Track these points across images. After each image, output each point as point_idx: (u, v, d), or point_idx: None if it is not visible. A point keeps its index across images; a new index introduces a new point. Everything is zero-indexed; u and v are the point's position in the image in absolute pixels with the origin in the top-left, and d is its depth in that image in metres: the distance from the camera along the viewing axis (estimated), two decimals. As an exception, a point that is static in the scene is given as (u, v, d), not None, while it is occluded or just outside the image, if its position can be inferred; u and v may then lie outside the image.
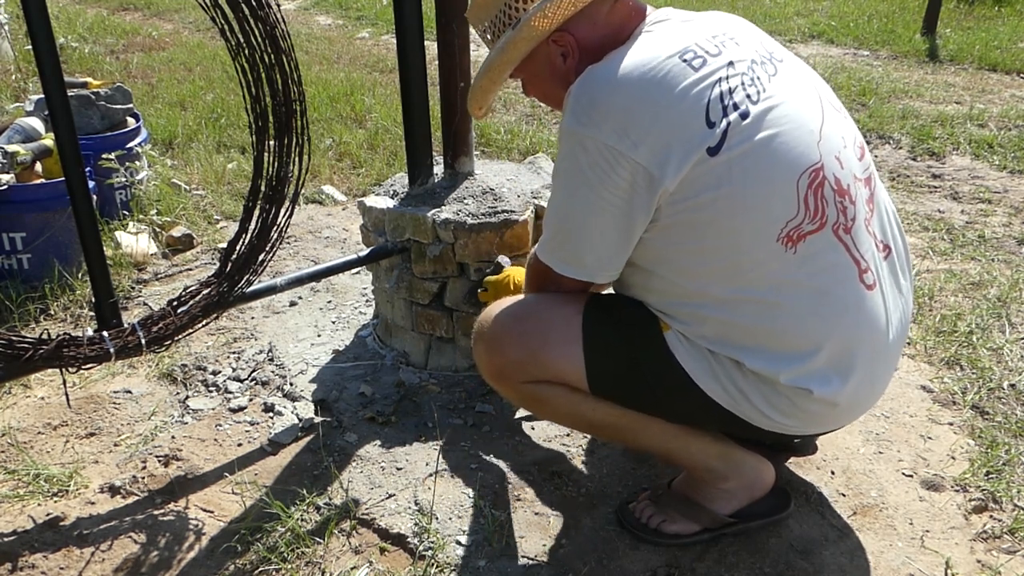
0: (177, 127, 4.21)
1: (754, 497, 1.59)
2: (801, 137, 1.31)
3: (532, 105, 4.83)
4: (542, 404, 1.54)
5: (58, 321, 2.46)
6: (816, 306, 1.33)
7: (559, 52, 1.41)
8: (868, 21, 6.94)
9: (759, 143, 1.27)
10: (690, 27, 1.38)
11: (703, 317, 1.36)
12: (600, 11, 1.38)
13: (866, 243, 1.38)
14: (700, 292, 1.35)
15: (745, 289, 1.32)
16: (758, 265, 1.31)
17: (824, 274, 1.33)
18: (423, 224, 2.02)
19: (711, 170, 1.26)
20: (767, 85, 1.32)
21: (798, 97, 1.35)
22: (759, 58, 1.36)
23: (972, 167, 3.74)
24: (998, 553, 1.57)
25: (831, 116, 1.39)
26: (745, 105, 1.28)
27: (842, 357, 1.35)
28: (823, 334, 1.34)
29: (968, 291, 2.57)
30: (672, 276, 1.37)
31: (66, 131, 1.56)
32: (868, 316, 1.36)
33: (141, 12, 8.34)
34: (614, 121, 1.27)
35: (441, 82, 2.09)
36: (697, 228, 1.30)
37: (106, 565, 1.58)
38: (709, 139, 1.26)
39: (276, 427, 1.96)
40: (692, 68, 1.28)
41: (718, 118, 1.26)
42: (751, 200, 1.28)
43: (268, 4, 1.58)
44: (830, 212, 1.32)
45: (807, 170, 1.30)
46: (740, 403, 1.39)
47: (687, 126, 1.26)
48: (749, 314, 1.33)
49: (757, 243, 1.30)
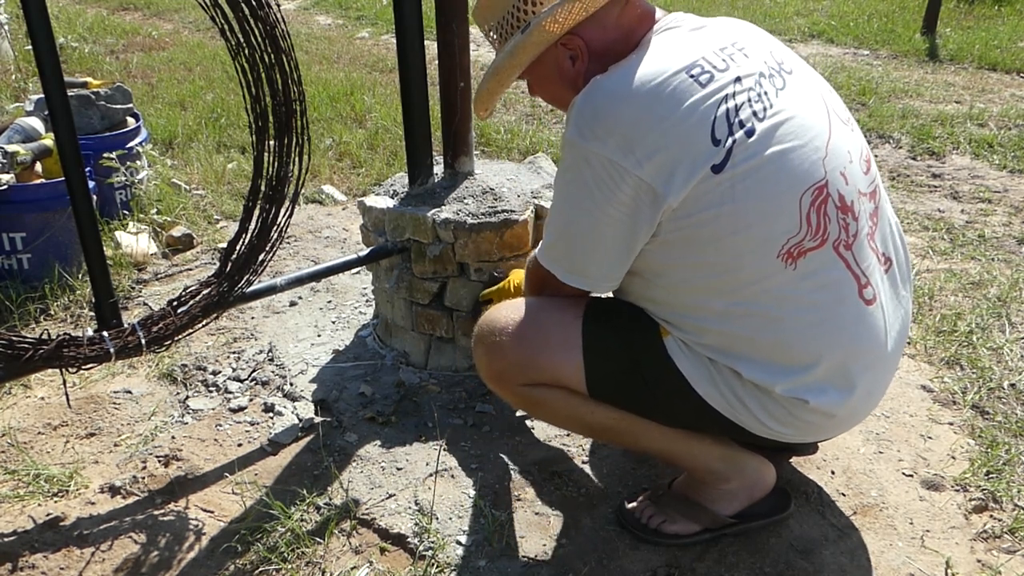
0: (177, 127, 4.21)
1: (755, 498, 1.59)
2: (806, 154, 1.30)
3: (532, 105, 4.82)
4: (541, 407, 1.54)
5: (58, 321, 2.46)
6: (815, 321, 1.33)
7: (568, 55, 1.40)
8: (868, 21, 6.94)
9: (763, 161, 1.27)
10: (699, 38, 1.35)
11: (702, 328, 1.36)
12: (610, 15, 1.37)
13: (868, 258, 1.37)
14: (699, 304, 1.35)
15: (744, 303, 1.32)
16: (758, 280, 1.31)
17: (824, 290, 1.32)
18: (423, 224, 2.02)
19: (715, 188, 1.26)
20: (774, 100, 1.31)
21: (805, 111, 1.33)
22: (767, 71, 1.34)
23: (972, 166, 3.74)
24: (998, 553, 1.57)
25: (838, 130, 1.37)
26: (751, 123, 1.27)
27: (840, 370, 1.35)
28: (821, 349, 1.34)
29: (968, 291, 2.57)
30: (672, 287, 1.37)
31: (66, 131, 1.56)
32: (867, 331, 1.36)
33: (141, 12, 8.34)
34: (619, 136, 1.26)
35: (441, 82, 2.09)
36: (698, 243, 1.30)
37: (106, 565, 1.58)
38: (714, 157, 1.25)
39: (276, 427, 1.96)
40: (699, 84, 1.27)
41: (724, 136, 1.25)
42: (753, 217, 1.28)
43: (268, 4, 1.58)
44: (832, 229, 1.31)
45: (810, 187, 1.29)
46: (738, 410, 1.39)
47: (693, 144, 1.25)
48: (748, 327, 1.33)
49: (757, 259, 1.30)
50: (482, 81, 1.48)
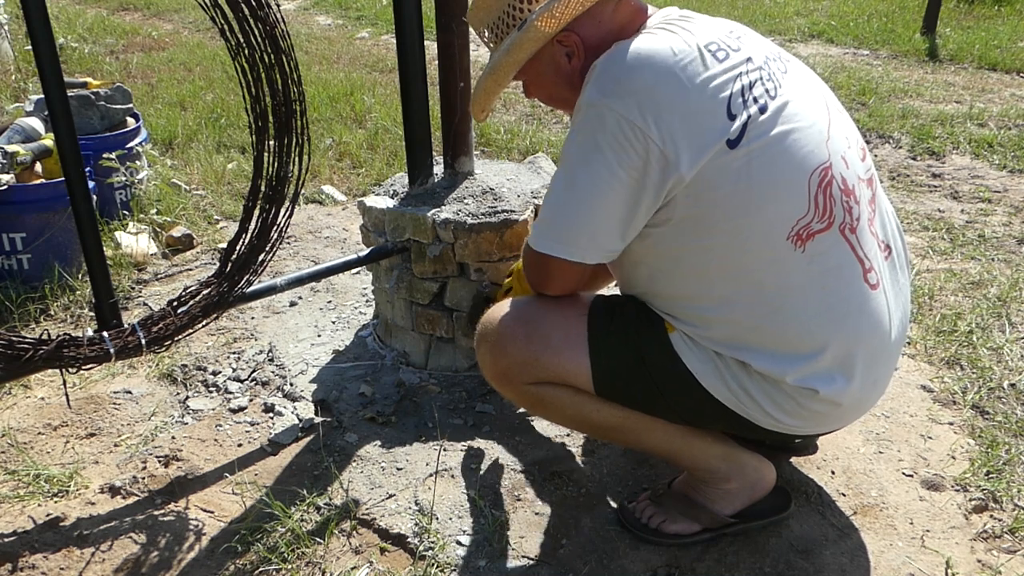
0: (177, 127, 4.21)
1: (755, 498, 1.59)
2: (812, 135, 1.32)
3: (532, 105, 4.82)
4: (546, 406, 1.54)
5: (58, 321, 2.46)
6: (822, 306, 1.33)
7: (564, 52, 1.41)
8: (868, 21, 6.93)
9: (775, 139, 1.28)
10: (707, 23, 1.39)
11: (709, 319, 1.36)
12: (605, 10, 1.39)
13: (869, 243, 1.38)
14: (706, 293, 1.35)
15: (751, 290, 1.33)
16: (765, 265, 1.31)
17: (831, 273, 1.33)
18: (423, 224, 2.02)
19: (730, 163, 1.27)
20: (782, 81, 1.34)
21: (807, 96, 1.36)
22: (772, 55, 1.39)
23: (972, 166, 3.74)
24: (998, 553, 1.57)
25: (836, 116, 1.40)
26: (764, 100, 1.29)
27: (846, 357, 1.35)
28: (828, 334, 1.34)
29: (968, 290, 2.57)
30: (678, 276, 1.37)
31: (66, 131, 1.56)
32: (872, 316, 1.37)
33: (141, 12, 8.34)
34: (638, 97, 1.26)
35: (441, 82, 2.09)
36: (708, 224, 1.30)
37: (106, 565, 1.58)
38: (729, 132, 1.26)
39: (276, 427, 1.96)
40: (716, 59, 1.29)
41: (739, 111, 1.27)
42: (766, 196, 1.29)
43: (268, 4, 1.58)
44: (837, 211, 1.32)
45: (818, 168, 1.31)
46: (745, 404, 1.39)
47: (709, 115, 1.26)
48: (755, 314, 1.33)
49: (766, 241, 1.30)
50: (479, 81, 1.48)
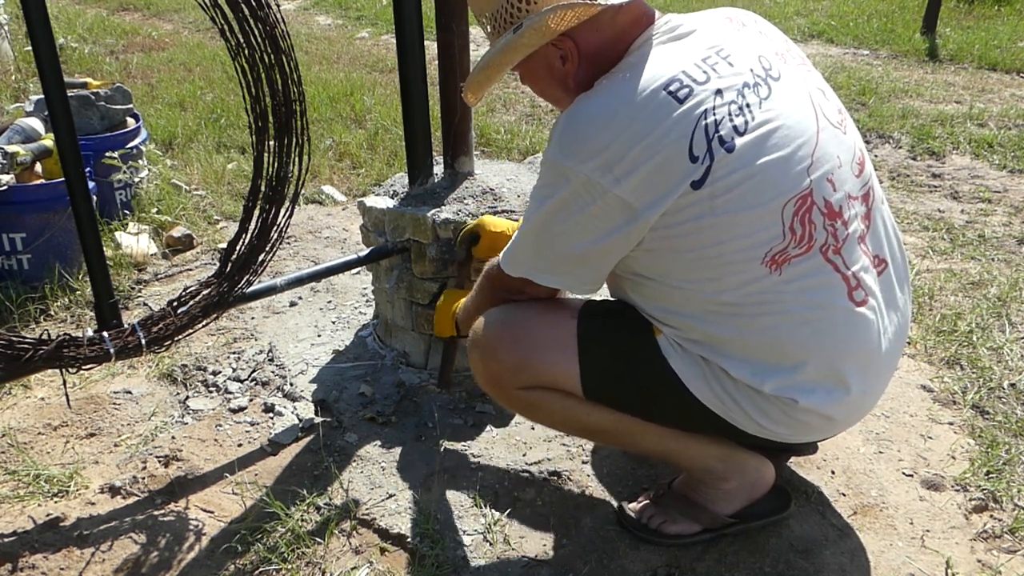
0: (177, 127, 4.21)
1: (754, 497, 1.59)
2: (790, 165, 1.29)
3: (532, 105, 4.83)
4: (537, 410, 1.55)
5: (58, 321, 2.46)
6: (801, 323, 1.33)
7: (558, 55, 1.40)
8: (868, 20, 6.94)
9: (744, 176, 1.26)
10: (684, 48, 1.33)
11: (690, 326, 1.37)
12: (604, 17, 1.36)
13: (858, 260, 1.36)
14: (686, 303, 1.36)
15: (730, 304, 1.33)
16: (743, 284, 1.31)
17: (809, 293, 1.32)
18: (423, 224, 2.02)
19: (695, 202, 1.27)
20: (757, 112, 1.29)
21: (791, 119, 1.31)
22: (752, 79, 1.32)
23: (972, 166, 3.74)
24: (998, 553, 1.57)
25: (827, 134, 1.35)
26: (731, 138, 1.26)
27: (830, 371, 1.35)
28: (808, 350, 1.34)
29: (968, 290, 2.57)
30: (659, 290, 1.38)
31: (66, 131, 1.56)
32: (857, 332, 1.36)
33: (141, 12, 8.34)
34: (599, 158, 1.27)
35: (441, 82, 2.09)
36: (680, 252, 1.31)
37: (106, 565, 1.58)
38: (693, 174, 1.25)
39: (276, 427, 1.96)
40: (677, 100, 1.26)
41: (702, 152, 1.25)
42: (735, 230, 1.28)
43: (268, 4, 1.58)
44: (818, 235, 1.31)
45: (793, 198, 1.29)
46: (732, 410, 1.39)
47: (670, 162, 1.26)
48: (734, 327, 1.34)
49: (740, 267, 1.30)
50: (473, 70, 1.48)
